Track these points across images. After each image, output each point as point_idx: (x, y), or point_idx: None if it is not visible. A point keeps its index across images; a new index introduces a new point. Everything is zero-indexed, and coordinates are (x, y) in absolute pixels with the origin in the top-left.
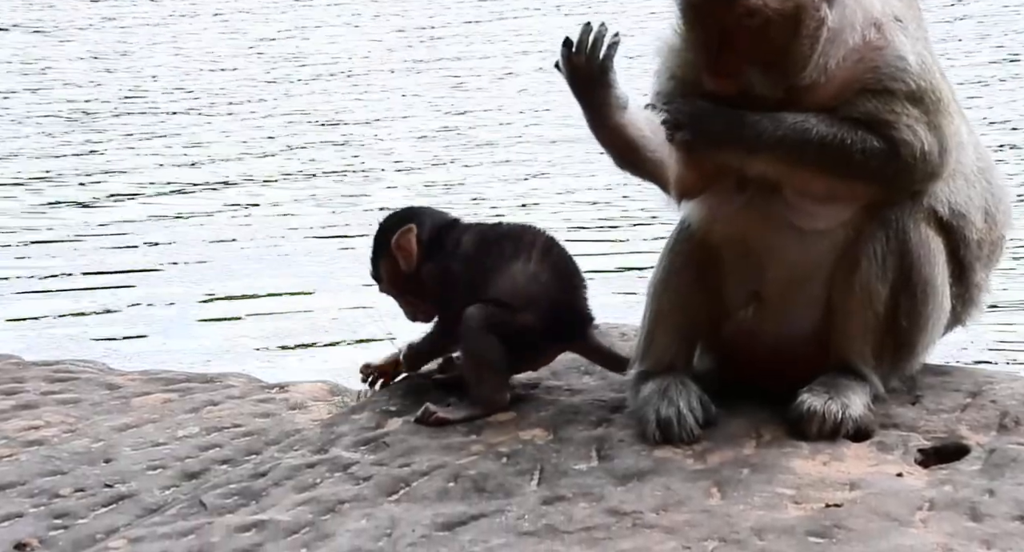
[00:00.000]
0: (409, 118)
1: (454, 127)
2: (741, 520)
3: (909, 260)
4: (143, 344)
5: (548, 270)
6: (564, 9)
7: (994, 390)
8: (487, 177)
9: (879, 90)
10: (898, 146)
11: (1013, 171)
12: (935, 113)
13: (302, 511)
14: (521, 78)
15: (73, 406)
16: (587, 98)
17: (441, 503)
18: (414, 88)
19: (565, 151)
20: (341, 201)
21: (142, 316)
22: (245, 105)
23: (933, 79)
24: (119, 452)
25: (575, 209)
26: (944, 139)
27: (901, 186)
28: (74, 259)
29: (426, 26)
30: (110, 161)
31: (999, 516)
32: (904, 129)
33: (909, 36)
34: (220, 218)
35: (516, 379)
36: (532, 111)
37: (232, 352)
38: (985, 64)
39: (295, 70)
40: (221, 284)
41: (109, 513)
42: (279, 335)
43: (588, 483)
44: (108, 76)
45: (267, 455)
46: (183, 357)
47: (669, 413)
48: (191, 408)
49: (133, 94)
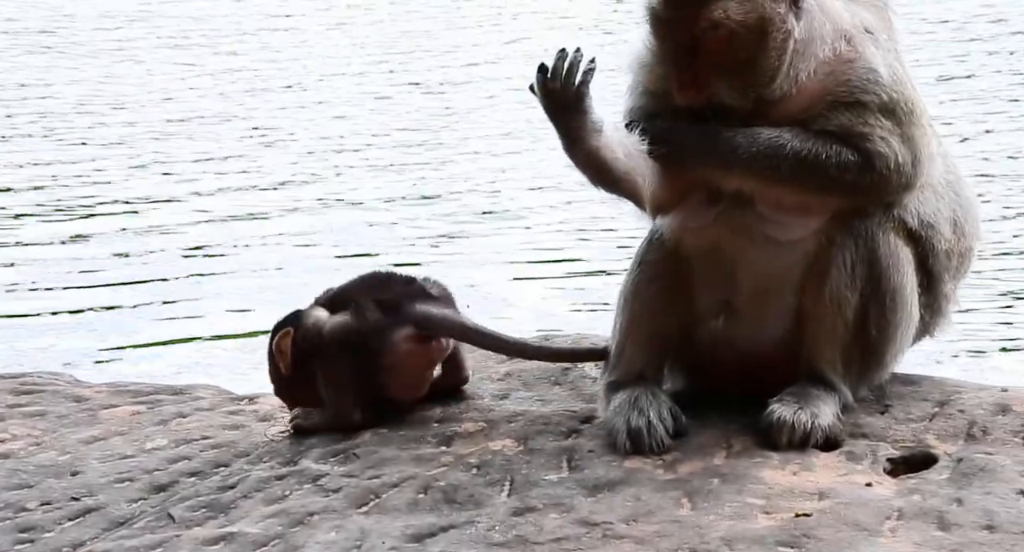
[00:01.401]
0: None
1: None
2: (711, 530)
3: (878, 269)
4: (112, 355)
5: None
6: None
7: (962, 399)
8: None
9: (851, 102)
10: (872, 158)
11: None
12: (908, 125)
13: (271, 523)
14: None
15: (40, 419)
16: (562, 123)
17: (411, 514)
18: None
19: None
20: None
21: (111, 328)
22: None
23: (905, 90)
24: (86, 465)
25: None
26: (917, 150)
27: (876, 198)
28: (45, 269)
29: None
30: (85, 173)
31: (967, 525)
32: (878, 141)
33: (880, 47)
34: (193, 230)
35: (486, 390)
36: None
37: (202, 364)
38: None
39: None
40: (189, 294)
41: (76, 526)
42: (250, 347)
43: (558, 494)
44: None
45: (236, 467)
46: (153, 369)
47: (639, 423)
48: (160, 420)
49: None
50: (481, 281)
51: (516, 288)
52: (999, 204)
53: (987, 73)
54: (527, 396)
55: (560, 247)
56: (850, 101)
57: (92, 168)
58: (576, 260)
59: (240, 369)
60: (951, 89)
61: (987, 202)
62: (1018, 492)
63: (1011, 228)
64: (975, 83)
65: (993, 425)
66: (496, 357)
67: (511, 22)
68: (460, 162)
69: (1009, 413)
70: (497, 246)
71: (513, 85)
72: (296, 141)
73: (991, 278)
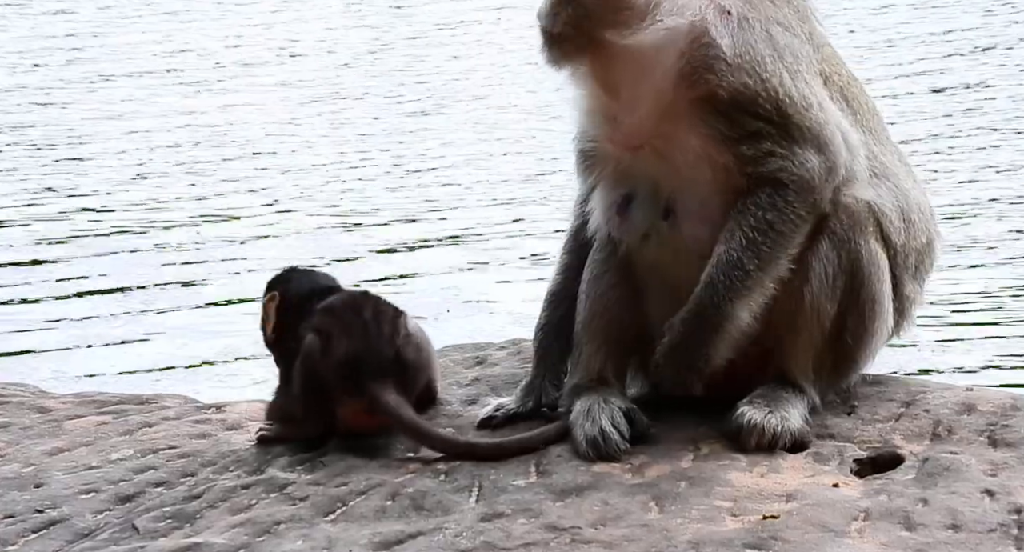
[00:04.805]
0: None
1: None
2: (679, 534)
3: (859, 278)
4: (77, 366)
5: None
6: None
7: (927, 399)
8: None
9: (714, 99)
10: (780, 187)
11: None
12: (785, 119)
13: (237, 533)
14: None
15: (3, 430)
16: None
17: (379, 522)
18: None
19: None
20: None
21: (80, 337)
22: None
23: (770, 80)
24: (50, 477)
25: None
26: (810, 138)
27: (817, 203)
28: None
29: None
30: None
31: (932, 525)
32: (771, 161)
33: (745, 28)
34: (167, 237)
35: (454, 395)
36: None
37: (169, 372)
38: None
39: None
40: (158, 303)
41: (39, 539)
42: (223, 351)
43: (526, 499)
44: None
45: (202, 476)
46: (119, 379)
47: (593, 432)
48: (125, 430)
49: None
50: (464, 283)
51: (498, 291)
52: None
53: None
54: (495, 401)
55: (546, 251)
56: (707, 95)
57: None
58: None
59: (206, 377)
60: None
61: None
62: (983, 491)
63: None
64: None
65: (958, 425)
66: (464, 362)
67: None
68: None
69: (974, 412)
70: (484, 248)
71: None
72: (275, 156)
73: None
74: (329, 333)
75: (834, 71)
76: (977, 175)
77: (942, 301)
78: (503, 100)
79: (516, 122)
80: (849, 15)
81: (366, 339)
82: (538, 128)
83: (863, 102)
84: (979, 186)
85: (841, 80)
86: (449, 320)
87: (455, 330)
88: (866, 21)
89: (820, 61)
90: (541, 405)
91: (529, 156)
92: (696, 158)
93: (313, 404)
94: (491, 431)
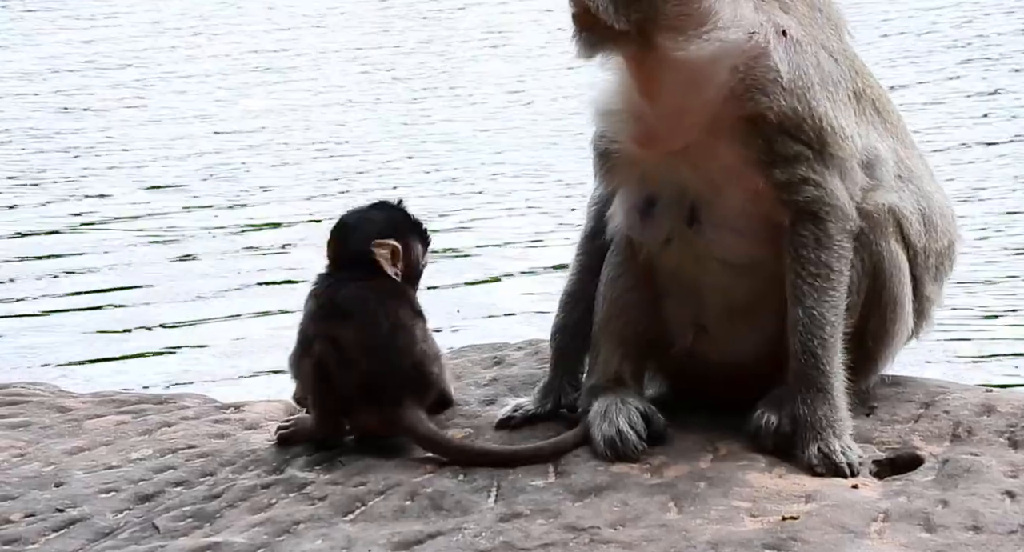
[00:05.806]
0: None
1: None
2: (698, 534)
3: (882, 280)
4: (99, 367)
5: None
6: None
7: (947, 400)
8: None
9: (759, 122)
10: (821, 224)
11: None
12: (823, 146)
13: (257, 532)
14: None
15: (23, 430)
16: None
17: (398, 522)
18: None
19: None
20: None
21: (99, 338)
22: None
23: (813, 101)
24: (71, 476)
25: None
26: (845, 173)
27: (847, 227)
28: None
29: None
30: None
31: (952, 526)
32: (815, 202)
33: (798, 50)
34: (182, 239)
35: (472, 395)
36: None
37: (190, 372)
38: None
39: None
40: (177, 306)
41: (60, 538)
42: (240, 354)
43: (545, 499)
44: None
45: (221, 476)
46: (140, 379)
47: (611, 433)
48: (145, 430)
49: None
50: (475, 289)
51: (510, 292)
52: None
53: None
54: (513, 402)
55: (560, 252)
56: (753, 115)
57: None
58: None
59: (227, 377)
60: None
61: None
62: (1003, 493)
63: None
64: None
65: (978, 426)
66: (482, 362)
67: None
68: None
69: (994, 413)
70: (496, 249)
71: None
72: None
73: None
74: (344, 346)
75: (866, 84)
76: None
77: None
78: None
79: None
80: (886, 24)
81: (384, 359)
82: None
83: (891, 110)
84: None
85: (872, 93)
86: (463, 324)
87: (470, 332)
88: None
89: (855, 76)
90: (560, 406)
91: (539, 155)
92: (728, 173)
93: (327, 411)
94: (509, 432)
